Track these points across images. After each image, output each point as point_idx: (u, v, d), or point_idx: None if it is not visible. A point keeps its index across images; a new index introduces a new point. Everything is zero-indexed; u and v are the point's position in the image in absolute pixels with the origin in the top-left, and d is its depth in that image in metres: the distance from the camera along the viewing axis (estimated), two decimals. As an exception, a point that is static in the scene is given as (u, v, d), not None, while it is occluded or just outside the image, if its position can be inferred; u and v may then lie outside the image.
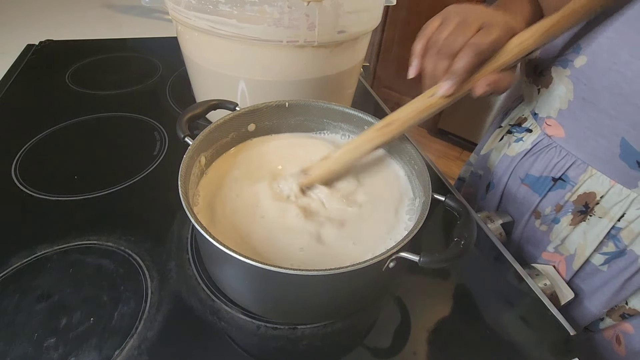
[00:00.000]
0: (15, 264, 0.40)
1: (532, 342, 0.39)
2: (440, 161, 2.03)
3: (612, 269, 0.46)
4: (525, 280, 0.45)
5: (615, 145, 0.41)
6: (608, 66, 0.39)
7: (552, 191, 0.49)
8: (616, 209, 0.44)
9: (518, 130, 0.55)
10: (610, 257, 0.46)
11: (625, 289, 0.46)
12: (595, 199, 0.45)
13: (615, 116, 0.40)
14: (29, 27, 0.92)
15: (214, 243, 0.28)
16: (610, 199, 0.44)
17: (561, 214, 0.49)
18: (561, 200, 0.48)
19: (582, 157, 0.46)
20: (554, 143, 0.48)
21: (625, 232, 0.44)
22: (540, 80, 0.49)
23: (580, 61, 0.42)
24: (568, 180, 0.47)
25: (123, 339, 0.35)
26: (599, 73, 0.40)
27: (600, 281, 0.48)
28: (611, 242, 0.46)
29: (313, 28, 0.46)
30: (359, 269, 0.28)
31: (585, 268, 0.49)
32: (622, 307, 0.48)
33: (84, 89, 0.70)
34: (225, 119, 0.42)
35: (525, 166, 0.52)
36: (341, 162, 0.41)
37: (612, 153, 0.42)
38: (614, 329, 0.49)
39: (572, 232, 0.48)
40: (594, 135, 0.43)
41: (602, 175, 0.44)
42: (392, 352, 0.37)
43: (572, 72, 0.43)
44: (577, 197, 0.47)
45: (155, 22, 1.02)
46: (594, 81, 0.41)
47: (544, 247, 0.52)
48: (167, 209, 0.48)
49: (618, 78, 0.39)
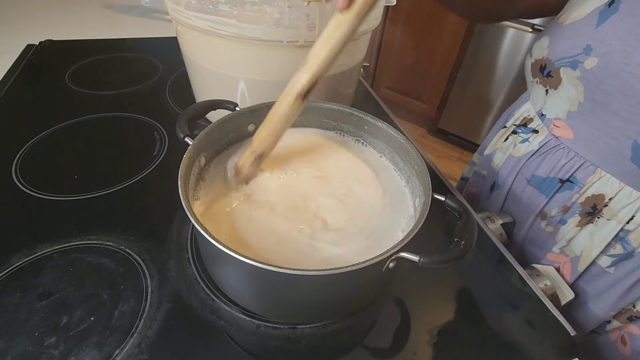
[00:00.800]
0: (16, 263, 0.40)
1: (533, 342, 0.39)
2: (440, 161, 2.03)
3: (619, 272, 0.46)
4: (526, 280, 0.45)
5: (626, 147, 0.40)
6: (620, 67, 0.39)
7: (559, 192, 0.49)
8: (625, 211, 0.43)
9: (524, 131, 0.54)
10: (617, 259, 0.46)
11: (633, 292, 0.46)
12: (603, 201, 0.45)
13: (628, 118, 0.39)
14: (29, 27, 0.93)
15: (214, 243, 0.28)
16: (620, 201, 0.44)
17: (568, 215, 0.48)
18: (568, 201, 0.48)
19: (591, 158, 0.45)
20: (562, 144, 0.48)
21: (634, 234, 0.44)
22: (549, 81, 0.48)
23: (590, 63, 0.41)
24: (576, 182, 0.47)
25: (123, 337, 0.35)
26: (611, 75, 0.40)
27: (606, 283, 0.48)
28: (619, 244, 0.45)
29: (313, 28, 0.46)
30: (359, 269, 0.28)
31: (591, 270, 0.48)
32: (630, 310, 0.48)
33: (84, 89, 0.70)
34: (225, 119, 0.42)
35: (532, 167, 0.52)
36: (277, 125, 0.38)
37: (623, 155, 0.41)
38: (619, 330, 0.49)
39: (579, 234, 0.48)
40: (604, 136, 0.42)
41: (612, 177, 0.44)
42: (392, 352, 0.37)
43: (583, 74, 0.42)
44: (585, 198, 0.46)
45: (155, 22, 1.02)
46: (605, 83, 0.40)
47: (549, 249, 0.51)
48: (167, 209, 0.48)
49: (631, 79, 0.38)
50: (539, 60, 0.49)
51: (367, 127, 0.47)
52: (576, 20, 0.43)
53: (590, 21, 0.42)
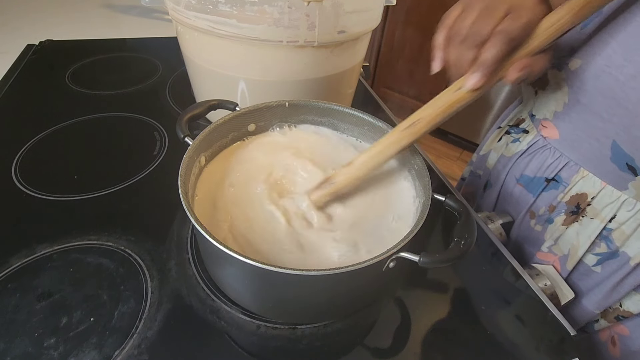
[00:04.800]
0: (16, 264, 0.40)
1: (533, 342, 0.39)
2: (440, 161, 2.03)
3: (606, 270, 0.47)
4: (526, 280, 0.45)
5: (606, 147, 0.41)
6: (601, 69, 0.39)
7: (545, 192, 0.50)
8: (607, 210, 0.44)
9: (515, 131, 0.55)
10: (602, 257, 0.46)
11: (618, 290, 0.46)
12: (586, 200, 0.45)
13: (607, 119, 0.40)
14: (29, 27, 0.92)
15: (214, 243, 0.28)
16: (602, 200, 0.44)
17: (554, 214, 0.49)
18: (554, 200, 0.49)
19: (574, 158, 0.46)
20: (549, 144, 0.49)
21: (617, 233, 0.44)
22: (537, 82, 0.49)
23: (574, 64, 0.42)
24: (561, 181, 0.48)
25: (123, 338, 0.35)
26: (593, 76, 0.40)
27: (594, 282, 0.48)
28: (603, 242, 0.46)
29: (313, 28, 0.46)
30: (359, 269, 0.28)
31: (579, 268, 0.49)
32: (617, 309, 0.49)
33: (84, 89, 0.70)
34: (225, 119, 0.42)
35: (521, 166, 0.52)
36: (367, 167, 0.39)
37: (604, 155, 0.42)
38: (609, 331, 0.50)
39: (565, 232, 0.48)
40: (587, 137, 0.43)
41: (594, 176, 0.44)
42: (392, 353, 0.37)
43: (567, 75, 0.43)
44: (569, 197, 0.47)
45: (155, 22, 1.02)
46: (587, 84, 0.41)
47: (539, 247, 0.52)
48: (167, 209, 0.48)
49: (611, 81, 0.39)
50: None
51: (367, 127, 0.47)
52: None
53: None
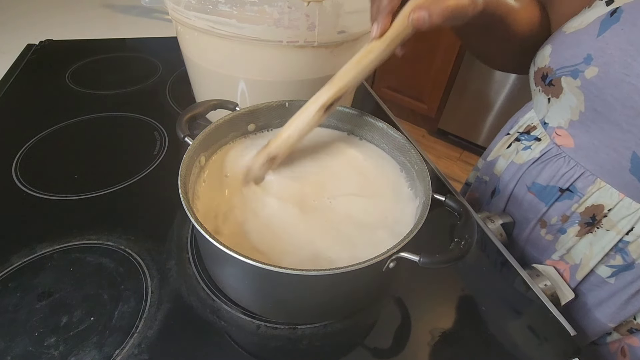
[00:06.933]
0: (16, 263, 0.40)
1: (533, 342, 0.39)
2: (440, 161, 2.03)
3: (620, 282, 0.46)
4: (526, 280, 0.45)
5: (625, 158, 0.40)
6: (620, 78, 0.38)
7: (559, 201, 0.48)
8: (624, 222, 0.43)
9: (527, 139, 0.54)
10: (617, 270, 0.45)
11: (632, 303, 0.45)
12: (603, 212, 0.44)
13: (627, 129, 0.39)
14: (29, 27, 0.92)
15: (214, 243, 0.28)
16: (619, 212, 0.43)
17: (568, 224, 0.48)
18: (568, 211, 0.47)
19: (591, 168, 0.45)
20: (563, 153, 0.47)
21: (634, 245, 0.43)
22: (551, 90, 0.47)
23: (591, 72, 0.41)
24: (576, 191, 0.46)
25: (123, 337, 0.35)
26: (611, 85, 0.39)
27: (607, 293, 0.47)
28: (619, 255, 0.45)
29: (313, 28, 0.46)
30: (359, 269, 0.28)
31: (591, 279, 0.48)
32: (630, 322, 0.48)
33: (83, 89, 0.70)
34: (225, 119, 0.42)
35: (533, 174, 0.51)
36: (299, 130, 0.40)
37: (622, 166, 0.41)
38: (619, 342, 0.49)
39: (578, 243, 0.47)
40: (604, 147, 0.42)
41: (611, 188, 0.43)
42: (392, 353, 0.37)
43: (583, 83, 0.42)
44: (584, 208, 0.46)
45: (155, 22, 1.02)
46: (605, 93, 0.40)
47: (549, 255, 0.51)
48: (167, 208, 0.48)
49: (631, 90, 0.38)
50: (541, 69, 0.48)
51: (367, 127, 0.47)
52: (578, 29, 0.43)
53: (591, 30, 0.41)
